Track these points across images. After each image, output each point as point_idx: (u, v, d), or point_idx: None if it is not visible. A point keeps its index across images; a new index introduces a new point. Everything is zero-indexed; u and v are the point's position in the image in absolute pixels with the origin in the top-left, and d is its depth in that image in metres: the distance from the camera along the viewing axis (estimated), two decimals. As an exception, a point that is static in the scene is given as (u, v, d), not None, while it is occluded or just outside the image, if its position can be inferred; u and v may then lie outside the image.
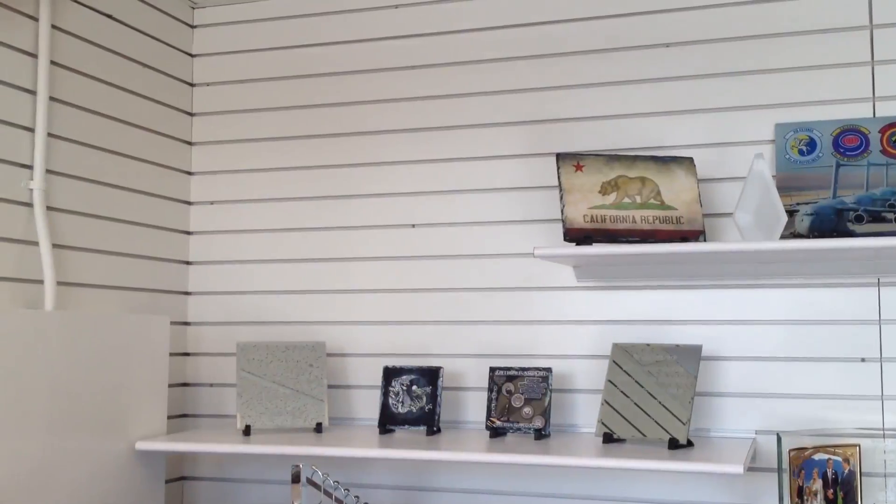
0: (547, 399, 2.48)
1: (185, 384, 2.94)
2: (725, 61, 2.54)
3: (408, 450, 2.31)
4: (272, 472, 2.83)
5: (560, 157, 2.38)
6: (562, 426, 2.60)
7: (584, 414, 2.59)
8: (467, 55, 2.76)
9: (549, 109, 2.67)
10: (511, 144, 2.70)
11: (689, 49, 2.57)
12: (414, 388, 2.60)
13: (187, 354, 2.95)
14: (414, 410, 2.58)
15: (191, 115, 3.01)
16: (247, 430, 2.57)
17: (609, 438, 2.36)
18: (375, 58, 2.85)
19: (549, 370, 2.51)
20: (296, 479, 2.23)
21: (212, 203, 2.97)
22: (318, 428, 2.60)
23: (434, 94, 2.78)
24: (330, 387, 2.78)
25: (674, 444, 2.26)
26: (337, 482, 2.32)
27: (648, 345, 2.43)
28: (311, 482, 2.27)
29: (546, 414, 2.47)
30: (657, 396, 2.35)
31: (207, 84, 3.01)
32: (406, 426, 2.58)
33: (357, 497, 2.36)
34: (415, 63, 2.81)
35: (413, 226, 2.78)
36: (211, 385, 2.92)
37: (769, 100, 2.49)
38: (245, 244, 2.93)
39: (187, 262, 2.97)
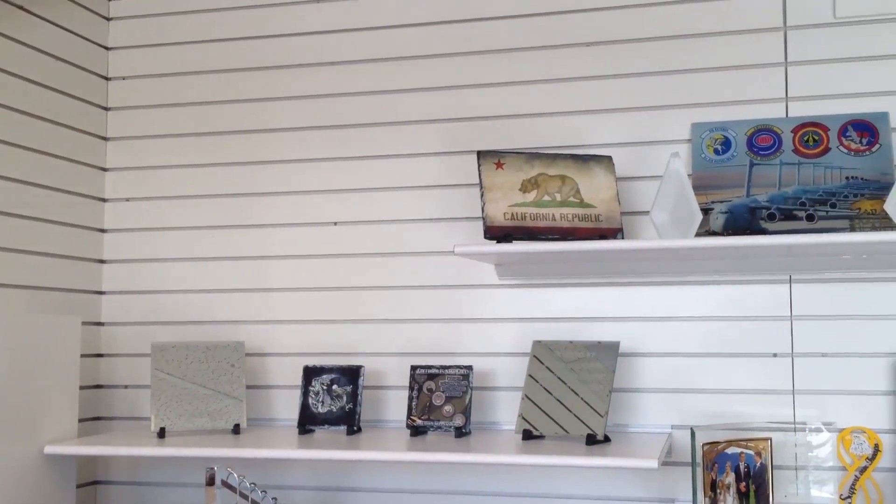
0: (468, 397, 2.48)
1: (98, 386, 2.86)
2: (644, 61, 2.57)
3: (326, 450, 2.28)
4: (188, 476, 2.77)
5: (481, 155, 2.38)
6: (483, 424, 2.60)
7: (505, 411, 2.59)
8: (389, 52, 2.74)
9: (471, 107, 2.67)
10: (432, 142, 2.69)
11: (608, 48, 2.59)
12: (334, 387, 2.57)
13: (101, 356, 2.87)
14: (334, 410, 2.56)
15: (106, 109, 2.93)
16: (161, 433, 2.51)
17: (528, 435, 2.36)
18: (296, 53, 2.81)
19: (469, 368, 2.50)
20: (210, 481, 2.19)
21: (127, 200, 2.90)
22: (236, 429, 2.55)
23: (356, 90, 2.76)
24: (249, 387, 2.73)
25: (591, 440, 2.28)
26: (254, 484, 2.28)
27: (571, 342, 2.44)
28: (226, 484, 2.22)
29: (467, 412, 2.47)
30: (577, 392, 2.36)
31: (123, 78, 2.94)
32: (326, 426, 2.55)
33: (275, 499, 2.32)
34: (336, 59, 2.78)
35: (335, 223, 2.75)
36: (126, 387, 2.85)
37: (686, 99, 2.53)
38: (162, 242, 2.87)
39: (101, 261, 2.89)
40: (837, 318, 2.39)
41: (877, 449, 2.33)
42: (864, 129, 2.38)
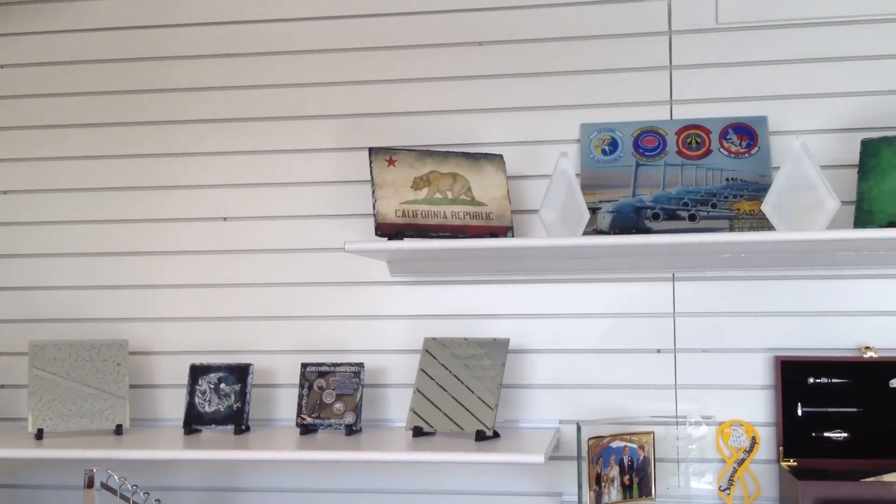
0: (359, 394, 2.47)
1: (-27, 386, 2.74)
2: (535, 61, 2.60)
3: (212, 450, 2.24)
4: (68, 478, 2.68)
5: (373, 152, 2.37)
6: (374, 421, 2.60)
7: (397, 408, 2.59)
8: (283, 45, 2.71)
9: (363, 103, 2.66)
10: (324, 137, 2.67)
11: (500, 48, 2.62)
12: (222, 386, 2.52)
13: (-24, 354, 2.75)
14: (222, 409, 2.51)
15: (-18, 97, 2.81)
16: (39, 434, 2.41)
17: (419, 432, 2.37)
18: (187, 44, 2.75)
19: (361, 365, 2.49)
20: (89, 484, 2.12)
21: (5, 193, 2.78)
22: (119, 430, 2.48)
23: (247, 83, 2.71)
24: (133, 387, 2.66)
25: (481, 436, 2.30)
26: (136, 486, 2.22)
27: (466, 339, 2.46)
28: (106, 487, 2.16)
29: (357, 409, 2.46)
30: (470, 388, 2.38)
31: (2, 66, 2.81)
32: (213, 426, 2.50)
33: (158, 501, 2.26)
34: (227, 51, 2.73)
35: (224, 219, 2.70)
36: (2, 386, 2.74)
37: (575, 100, 2.57)
38: (43, 237, 2.76)
39: (-24, 256, 2.77)
40: (718, 314, 2.48)
41: (754, 441, 2.42)
42: (744, 133, 2.46)
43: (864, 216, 2.24)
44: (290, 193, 2.67)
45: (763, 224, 2.34)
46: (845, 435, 2.35)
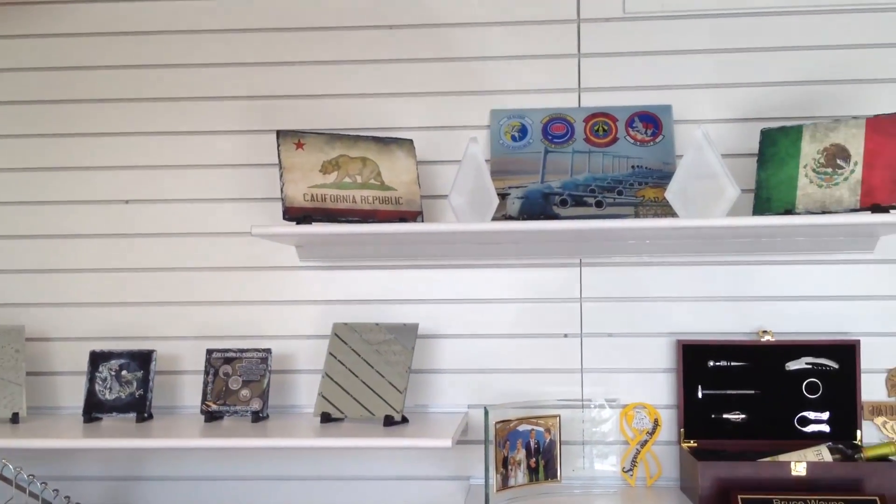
0: (266, 381, 2.43)
1: None
2: (446, 47, 2.59)
3: (113, 438, 2.19)
4: (-39, 469, 2.59)
5: (280, 135, 2.34)
6: (282, 407, 2.57)
7: (305, 394, 2.57)
8: (188, 24, 2.64)
9: (271, 85, 2.61)
10: (232, 120, 2.61)
11: (412, 32, 2.60)
12: (124, 373, 2.46)
13: None
14: (123, 397, 2.45)
15: None
16: (-72, 425, 2.32)
17: (327, 418, 2.35)
18: (86, 21, 2.65)
19: (268, 351, 2.46)
20: (-18, 475, 2.04)
21: None
22: (15, 418, 2.39)
23: (150, 62, 2.64)
24: (30, 374, 2.56)
25: (389, 421, 2.30)
26: (32, 476, 2.15)
27: (378, 324, 2.45)
28: (1, 477, 2.08)
29: (264, 396, 2.42)
30: (377, 373, 2.37)
31: None
32: (115, 413, 2.43)
33: (56, 490, 2.20)
34: (130, 29, 2.65)
35: (126, 202, 2.63)
36: None
37: (486, 86, 2.58)
38: (-67, 219, 2.65)
39: None
40: (623, 300, 2.52)
41: (656, 423, 2.47)
42: (650, 121, 2.51)
43: (762, 204, 2.30)
44: (195, 176, 2.61)
45: (667, 211, 2.39)
46: (743, 416, 2.42)
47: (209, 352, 2.47)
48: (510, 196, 2.48)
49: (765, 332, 2.44)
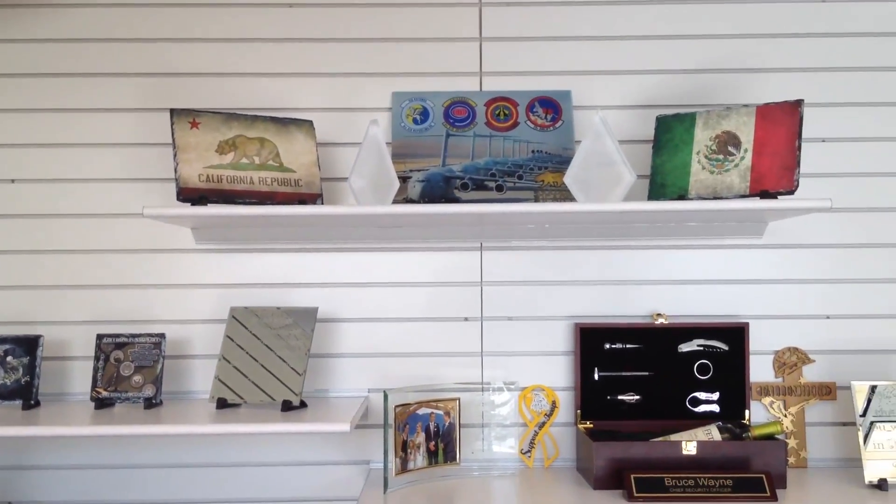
0: (159, 366, 2.37)
1: None
2: (347, 27, 2.56)
3: (-5, 427, 2.10)
4: None
5: (175, 113, 2.27)
6: (177, 393, 2.51)
7: (201, 380, 2.51)
8: (77, -3, 2.55)
9: (166, 62, 2.54)
10: (124, 97, 2.53)
11: (312, 11, 2.56)
12: (9, 358, 2.36)
13: None
14: (8, 383, 2.35)
15: None
16: None
17: (223, 404, 2.30)
18: (-33, -10, 2.53)
19: (162, 336, 2.40)
20: None
21: None
22: None
23: (40, 36, 2.53)
24: None
25: (287, 406, 2.27)
26: None
27: (279, 308, 2.41)
28: None
29: (158, 382, 2.36)
30: (269, 358, 2.34)
31: None
32: (-1, 401, 2.34)
33: (-66, 483, 2.10)
34: (19, 1, 2.53)
35: (12, 181, 2.52)
36: None
37: (387, 68, 2.55)
38: None
39: None
40: (523, 283, 2.54)
41: (554, 405, 2.51)
42: (550, 106, 2.53)
43: (657, 189, 2.35)
44: (85, 155, 2.52)
45: (566, 195, 2.42)
46: (638, 397, 2.48)
47: (99, 337, 2.39)
48: (411, 179, 2.46)
49: (659, 315, 2.50)
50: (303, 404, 2.31)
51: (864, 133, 2.54)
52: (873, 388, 2.32)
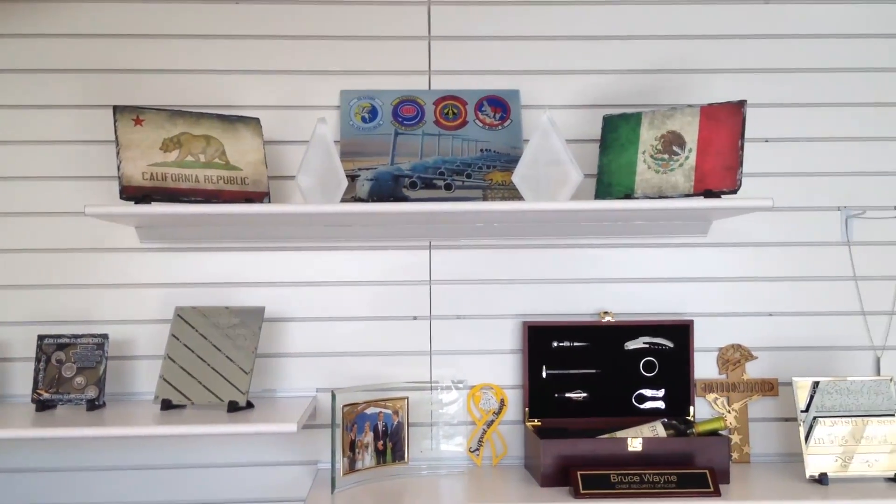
0: (102, 367, 2.33)
1: None
2: (295, 24, 2.54)
3: (-69, 431, 2.05)
4: None
5: (118, 110, 2.23)
6: (121, 395, 2.47)
7: (146, 381, 2.48)
8: (17, -10, 2.49)
9: (110, 58, 2.49)
10: (66, 94, 2.48)
11: (260, 8, 2.53)
12: (-54, 361, 2.31)
13: None
14: (-55, 386, 2.30)
15: None
16: None
17: (168, 405, 2.27)
18: None
19: (105, 337, 2.36)
20: None
21: None
22: None
23: (-24, 30, 2.48)
24: None
25: (233, 407, 2.24)
26: None
27: (228, 307, 2.38)
28: None
29: (101, 383, 2.32)
30: (217, 358, 2.31)
31: None
32: (-65, 404, 2.29)
33: None
34: (-47, -7, 2.47)
35: (-51, 178, 2.46)
36: None
37: (336, 66, 2.54)
38: None
39: None
40: (471, 282, 2.54)
41: (503, 404, 2.52)
42: (498, 105, 2.53)
43: (603, 188, 2.37)
44: (26, 152, 2.47)
45: (514, 194, 2.42)
46: (585, 395, 2.50)
47: (41, 337, 2.35)
48: (360, 178, 2.45)
49: (606, 312, 2.52)
50: (249, 405, 2.29)
51: (806, 133, 2.59)
52: (816, 384, 2.37)
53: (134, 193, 2.20)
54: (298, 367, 2.52)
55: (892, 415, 2.34)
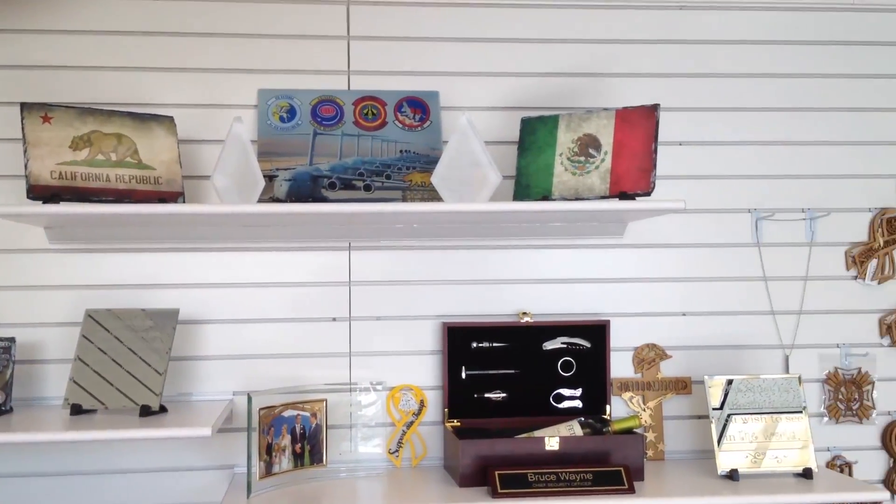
0: (9, 371, 2.26)
1: None
2: (213, 21, 2.50)
3: None
4: None
5: (25, 107, 2.16)
6: (28, 400, 2.39)
7: (56, 385, 2.41)
8: (-82, -19, 2.39)
9: (17, 54, 2.42)
10: (-30, 88, 2.40)
11: (176, 4, 2.48)
12: None
13: None
14: None
15: None
16: None
17: (78, 410, 2.21)
18: None
19: (12, 340, 2.28)
20: None
21: None
22: None
23: None
24: None
25: (146, 412, 2.20)
26: None
27: (144, 310, 2.33)
28: None
29: (7, 388, 2.25)
30: (131, 361, 2.26)
31: None
32: None
33: None
34: None
35: None
36: None
37: (253, 65, 2.51)
38: None
39: None
40: (391, 283, 2.54)
41: (422, 405, 2.52)
42: (418, 106, 2.53)
43: (522, 190, 2.39)
44: (-73, 149, 2.38)
45: (433, 196, 2.42)
46: (504, 395, 2.51)
47: (-57, 342, 2.27)
48: (278, 178, 2.43)
49: (524, 313, 2.54)
50: (163, 409, 2.24)
51: (717, 137, 2.66)
52: (730, 382, 2.43)
53: (42, 193, 2.13)
54: (215, 370, 2.48)
55: (801, 412, 2.41)
